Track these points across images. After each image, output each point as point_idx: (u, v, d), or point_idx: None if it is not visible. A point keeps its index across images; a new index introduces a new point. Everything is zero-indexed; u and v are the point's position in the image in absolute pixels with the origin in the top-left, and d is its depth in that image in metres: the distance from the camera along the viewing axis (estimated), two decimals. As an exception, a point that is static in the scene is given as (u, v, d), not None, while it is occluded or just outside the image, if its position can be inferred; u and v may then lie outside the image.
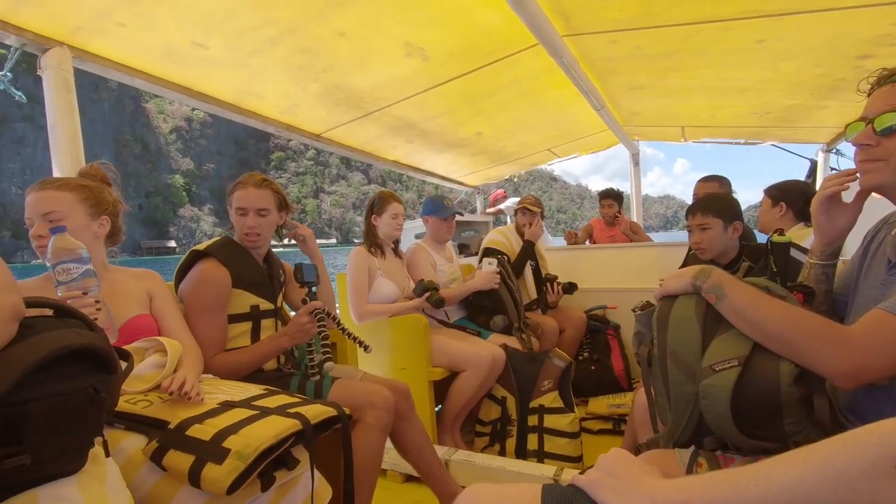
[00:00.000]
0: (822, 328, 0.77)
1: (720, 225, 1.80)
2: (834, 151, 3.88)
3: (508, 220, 5.01)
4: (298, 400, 1.12)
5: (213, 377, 1.27)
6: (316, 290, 1.61)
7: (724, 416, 0.80)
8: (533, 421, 2.17)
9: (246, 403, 1.07)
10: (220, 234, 1.67)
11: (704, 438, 0.87)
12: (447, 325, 2.49)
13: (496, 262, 2.53)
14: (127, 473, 0.85)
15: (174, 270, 1.57)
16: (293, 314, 1.69)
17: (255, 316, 1.57)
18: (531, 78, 2.71)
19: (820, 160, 4.02)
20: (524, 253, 2.89)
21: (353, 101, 2.62)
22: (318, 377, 1.52)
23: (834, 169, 3.87)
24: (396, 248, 2.50)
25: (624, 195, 4.16)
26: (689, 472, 0.83)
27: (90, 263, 1.07)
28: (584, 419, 2.49)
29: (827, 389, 0.82)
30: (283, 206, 1.67)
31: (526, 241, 2.91)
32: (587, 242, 4.09)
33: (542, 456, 2.12)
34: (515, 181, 5.37)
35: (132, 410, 1.03)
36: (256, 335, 1.58)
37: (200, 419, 0.98)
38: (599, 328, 3.02)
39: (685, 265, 2.10)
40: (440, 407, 2.30)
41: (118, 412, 1.01)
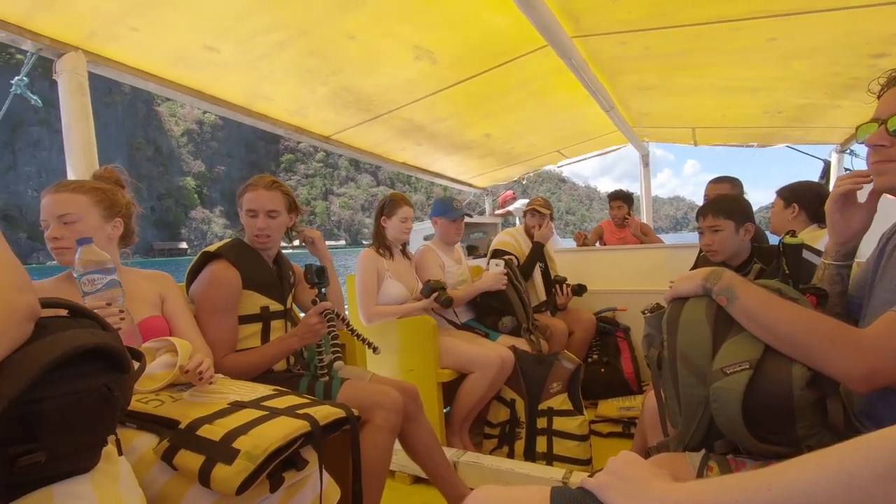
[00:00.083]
0: (834, 330, 0.76)
1: (732, 227, 1.79)
2: (848, 152, 3.82)
3: (517, 221, 5.00)
4: (307, 401, 1.13)
5: (223, 377, 1.28)
6: (325, 291, 1.62)
7: (735, 419, 0.79)
8: (542, 423, 2.16)
9: (255, 404, 1.07)
10: (230, 235, 1.69)
11: (715, 442, 0.86)
12: (456, 326, 2.49)
13: (503, 263, 2.53)
14: (138, 472, 0.86)
15: (185, 272, 1.59)
16: (302, 315, 1.70)
17: (265, 317, 1.58)
18: (540, 79, 2.71)
19: (833, 161, 3.96)
20: (533, 255, 2.88)
21: (362, 103, 2.64)
22: (327, 378, 1.53)
23: (848, 169, 3.81)
24: (405, 249, 2.50)
25: (634, 196, 4.14)
26: (699, 475, 0.82)
27: (115, 274, 1.09)
28: (593, 422, 2.48)
29: (841, 393, 0.81)
30: (292, 207, 1.69)
31: (535, 242, 2.90)
32: (597, 244, 4.07)
33: (550, 458, 2.11)
34: (524, 183, 5.36)
35: (144, 410, 1.04)
36: (266, 336, 1.59)
37: (211, 419, 0.99)
38: (609, 330, 3.00)
39: (696, 267, 2.08)
40: (449, 408, 2.30)
41: (130, 411, 1.02)
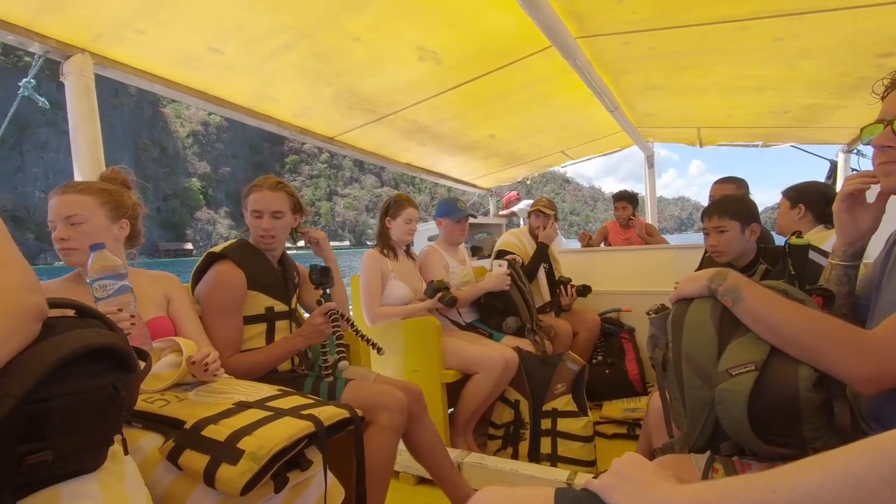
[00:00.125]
0: (841, 332, 0.75)
1: (737, 227, 1.78)
2: (855, 152, 3.79)
3: (521, 222, 5.00)
4: (312, 401, 1.13)
5: (228, 376, 1.29)
6: (330, 291, 1.62)
7: (740, 421, 0.78)
8: (546, 424, 2.16)
9: (260, 404, 1.08)
10: (235, 236, 1.70)
11: (721, 444, 0.86)
12: (460, 326, 2.49)
13: (506, 263, 2.53)
14: (144, 471, 0.86)
15: (191, 272, 1.60)
16: (307, 316, 1.70)
17: (269, 317, 1.59)
18: (544, 80, 2.70)
19: (840, 161, 3.93)
20: (538, 255, 2.88)
21: (366, 104, 2.64)
22: (331, 378, 1.54)
23: (855, 170, 3.78)
24: (409, 250, 2.51)
25: (638, 197, 4.12)
26: (704, 477, 0.82)
27: (127, 280, 1.09)
28: (597, 423, 2.47)
29: (847, 395, 0.80)
30: (297, 208, 1.69)
31: (540, 243, 2.90)
32: (602, 245, 4.06)
33: (555, 460, 2.11)
34: (528, 183, 5.36)
35: (149, 409, 1.04)
36: (271, 336, 1.60)
37: (216, 419, 0.99)
38: (613, 331, 3.00)
39: (701, 268, 2.07)
40: (453, 409, 2.30)
41: (136, 411, 1.03)
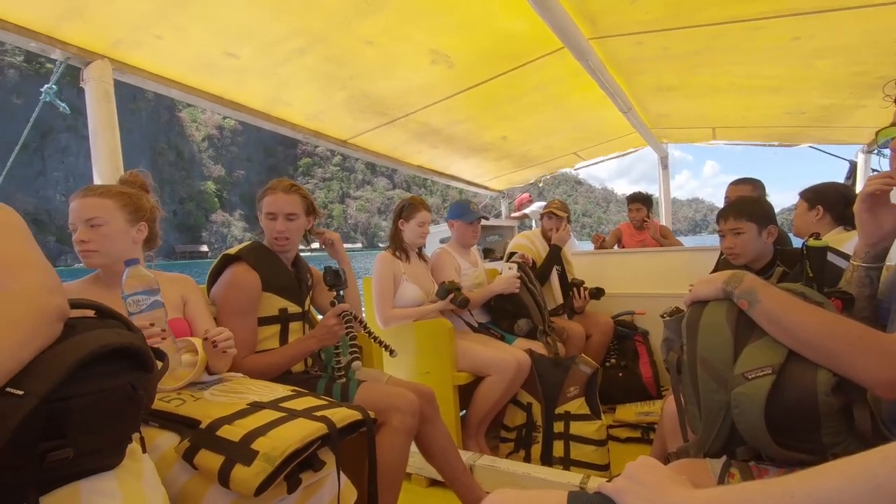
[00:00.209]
0: (861, 335, 0.74)
1: (754, 229, 1.75)
2: (876, 152, 3.71)
3: (534, 224, 4.98)
4: (325, 403, 1.14)
5: (242, 376, 1.30)
6: (343, 293, 1.63)
7: (757, 425, 0.77)
8: (559, 427, 2.15)
9: (274, 405, 1.09)
10: (249, 238, 1.72)
11: (737, 448, 0.84)
12: (473, 328, 2.49)
13: (516, 266, 2.53)
14: (160, 470, 0.87)
15: (206, 274, 1.62)
16: (320, 318, 1.71)
17: (283, 319, 1.61)
18: (556, 81, 2.69)
19: (860, 161, 3.85)
20: (550, 258, 2.87)
21: (378, 107, 2.66)
22: (344, 380, 1.54)
23: (876, 170, 3.70)
24: (421, 252, 2.52)
25: (653, 199, 4.08)
26: (720, 482, 0.81)
27: (159, 295, 1.12)
28: (611, 427, 2.45)
29: (868, 399, 0.78)
30: (310, 210, 1.71)
31: (553, 245, 2.89)
32: (615, 247, 4.02)
33: (567, 463, 2.09)
34: (540, 185, 5.33)
35: (166, 408, 1.06)
36: (285, 338, 1.61)
37: (230, 420, 1.00)
38: (627, 334, 2.97)
39: (716, 270, 2.04)
40: (465, 412, 2.30)
41: (153, 410, 1.05)
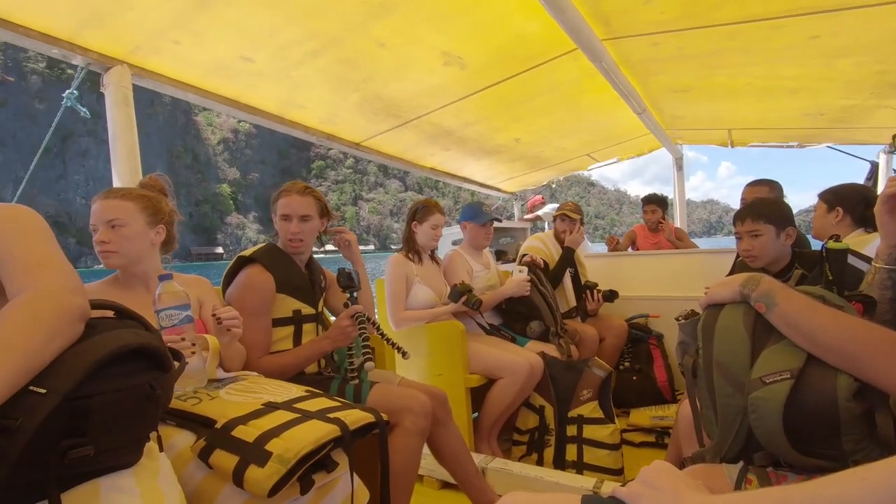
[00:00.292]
0: (882, 339, 0.72)
1: (772, 231, 1.72)
2: (897, 153, 3.63)
3: (546, 226, 4.96)
4: (338, 404, 1.14)
5: (257, 375, 1.32)
6: (356, 295, 1.64)
7: (775, 430, 0.76)
8: (572, 431, 2.13)
9: (288, 406, 1.10)
10: (264, 240, 1.74)
11: (754, 454, 0.83)
12: (486, 330, 2.48)
13: (527, 269, 2.52)
14: (176, 468, 0.88)
15: (221, 275, 1.64)
16: (333, 319, 1.72)
17: (297, 320, 1.62)
18: (570, 83, 2.68)
19: (882, 162, 3.77)
20: (563, 260, 2.85)
21: (391, 109, 2.67)
22: (357, 381, 1.55)
23: (897, 171, 3.62)
24: (433, 254, 2.52)
25: (668, 200, 4.04)
26: (737, 488, 0.80)
27: (191, 310, 1.15)
28: (625, 431, 2.42)
29: (891, 405, 0.77)
30: (324, 212, 1.72)
31: (566, 247, 2.87)
32: (629, 249, 3.99)
33: (581, 467, 2.08)
34: (553, 187, 5.31)
35: (182, 407, 1.07)
36: (298, 339, 1.62)
37: (245, 420, 1.01)
38: (641, 337, 2.94)
39: (733, 273, 2.01)
40: (477, 414, 2.30)
41: (169, 409, 1.06)
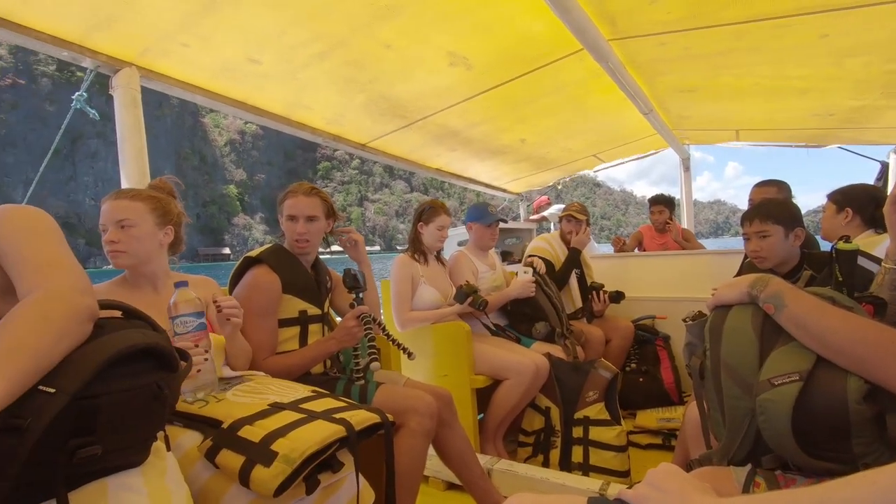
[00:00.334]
0: (893, 341, 0.71)
1: (781, 232, 1.70)
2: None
3: (552, 227, 4.95)
4: (344, 405, 1.14)
5: (264, 375, 1.32)
6: (362, 295, 1.65)
7: (784, 433, 0.75)
8: (578, 432, 2.12)
9: (294, 406, 1.10)
10: (270, 241, 1.74)
11: (763, 457, 0.82)
12: (491, 331, 2.48)
13: (531, 270, 2.51)
14: (183, 467, 0.89)
15: (228, 276, 1.65)
16: (339, 320, 1.73)
17: (303, 321, 1.62)
18: (576, 83, 2.67)
19: (892, 162, 3.73)
20: (569, 261, 2.84)
21: (397, 110, 2.68)
22: (362, 382, 1.55)
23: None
24: (439, 255, 2.52)
25: (675, 201, 4.02)
26: (745, 491, 0.79)
27: (205, 318, 1.16)
28: (631, 433, 2.41)
29: (902, 408, 0.76)
30: (330, 213, 1.73)
31: (572, 248, 2.86)
32: (636, 250, 3.97)
33: (587, 469, 2.07)
34: (559, 188, 5.30)
35: (189, 410, 1.08)
36: (304, 339, 1.63)
37: (251, 420, 1.02)
38: (648, 339, 2.92)
39: (740, 274, 2.00)
40: (483, 415, 2.29)
41: (176, 411, 1.07)
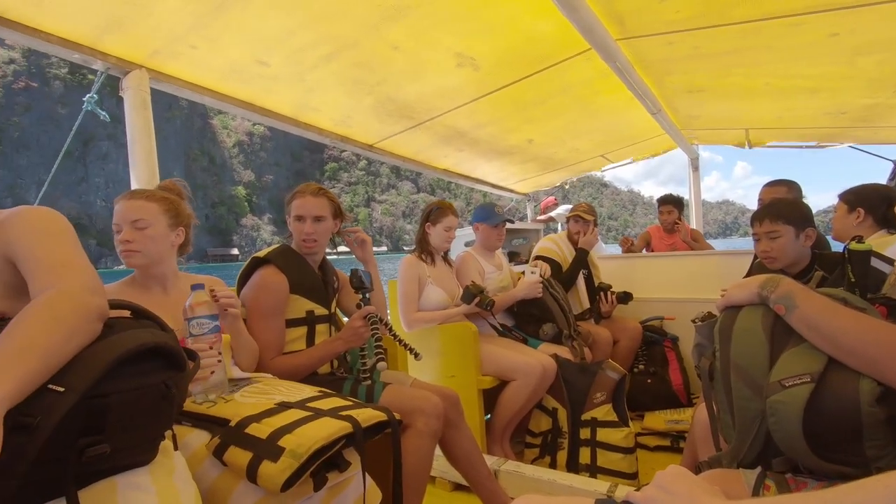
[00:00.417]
0: None
1: (791, 232, 1.68)
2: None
3: (559, 227, 4.93)
4: (351, 403, 1.15)
5: (272, 377, 1.33)
6: (369, 296, 1.65)
7: (794, 435, 0.74)
8: (585, 434, 2.11)
9: (301, 405, 1.11)
10: (278, 241, 1.75)
11: (773, 459, 0.81)
12: (498, 332, 2.47)
13: (538, 271, 2.50)
14: (191, 466, 0.89)
15: (236, 276, 1.66)
16: (345, 320, 1.73)
17: (310, 321, 1.63)
18: (583, 83, 2.66)
19: (905, 162, 3.68)
20: (577, 262, 2.83)
21: (404, 111, 2.68)
22: (369, 382, 1.56)
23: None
24: (446, 256, 2.52)
25: (684, 201, 3.99)
26: (755, 494, 0.78)
27: (219, 320, 1.17)
28: (639, 434, 2.39)
29: (916, 411, 0.75)
30: (337, 213, 1.73)
31: (579, 249, 2.85)
32: (644, 251, 3.94)
33: (594, 471, 2.06)
34: (566, 188, 5.28)
35: (197, 410, 1.09)
36: (311, 340, 1.63)
37: (258, 418, 1.03)
38: (656, 340, 2.90)
39: (750, 274, 1.98)
40: (490, 416, 2.29)
41: (184, 412, 1.08)
